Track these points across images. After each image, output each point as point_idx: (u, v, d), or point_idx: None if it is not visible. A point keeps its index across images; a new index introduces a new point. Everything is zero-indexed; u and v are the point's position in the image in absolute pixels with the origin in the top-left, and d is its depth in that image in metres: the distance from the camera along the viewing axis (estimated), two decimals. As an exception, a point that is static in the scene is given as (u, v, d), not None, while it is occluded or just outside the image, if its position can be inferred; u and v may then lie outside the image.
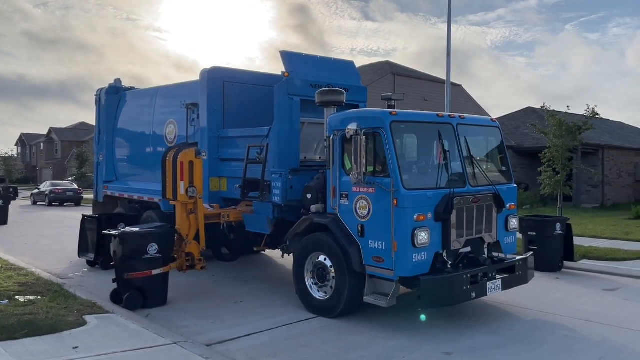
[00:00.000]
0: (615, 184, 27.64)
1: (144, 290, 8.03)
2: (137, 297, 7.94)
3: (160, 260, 8.12)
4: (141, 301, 7.97)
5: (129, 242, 7.98)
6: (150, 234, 8.16)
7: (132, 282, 7.96)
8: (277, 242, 9.03)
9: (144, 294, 8.02)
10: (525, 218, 11.06)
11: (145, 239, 8.04)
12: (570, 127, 16.10)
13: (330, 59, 10.10)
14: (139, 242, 8.00)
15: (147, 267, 7.98)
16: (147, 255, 7.99)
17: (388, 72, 35.97)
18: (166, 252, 8.28)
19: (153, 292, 8.13)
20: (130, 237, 8.01)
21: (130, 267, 7.95)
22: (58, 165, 68.11)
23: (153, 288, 8.11)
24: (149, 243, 8.01)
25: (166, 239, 8.35)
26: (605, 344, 6.60)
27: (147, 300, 8.02)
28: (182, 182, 8.67)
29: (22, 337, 6.09)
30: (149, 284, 8.06)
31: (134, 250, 7.96)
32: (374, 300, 7.01)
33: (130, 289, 7.94)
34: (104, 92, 13.36)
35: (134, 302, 7.88)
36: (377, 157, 7.11)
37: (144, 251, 7.96)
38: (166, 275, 8.32)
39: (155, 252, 8.05)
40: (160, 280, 8.20)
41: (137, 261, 7.96)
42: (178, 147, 9.01)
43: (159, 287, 8.21)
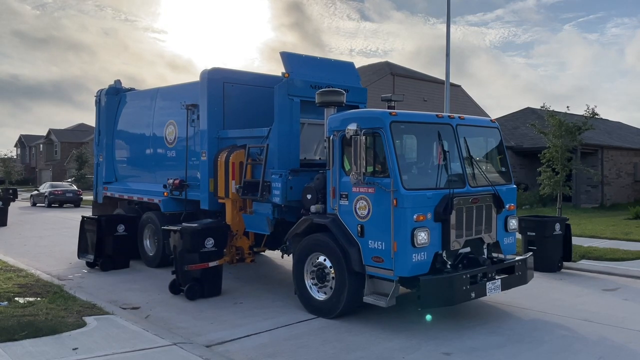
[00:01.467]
0: (614, 184, 27.66)
1: (201, 281, 8.59)
2: (196, 288, 8.54)
3: (215, 253, 8.67)
4: (200, 291, 8.57)
5: (189, 236, 8.49)
6: (208, 229, 8.68)
7: (190, 274, 8.54)
8: (277, 242, 9.05)
9: (201, 285, 8.58)
10: (524, 218, 11.07)
11: (203, 233, 8.57)
12: (570, 127, 16.12)
13: (330, 60, 10.11)
14: (198, 237, 8.52)
15: (205, 260, 8.53)
16: (205, 249, 8.55)
17: (387, 73, 35.99)
18: (221, 245, 8.83)
19: (209, 282, 8.70)
20: (190, 232, 8.51)
21: (189, 260, 8.50)
22: (57, 166, 68.09)
23: (209, 278, 8.68)
24: (207, 237, 8.58)
25: (221, 233, 8.90)
26: (604, 344, 6.60)
27: (204, 290, 8.61)
28: (233, 181, 9.23)
29: (22, 338, 6.09)
30: (206, 275, 8.63)
31: (193, 244, 8.47)
32: (374, 300, 7.01)
33: (189, 280, 8.53)
34: (103, 93, 13.37)
35: (194, 292, 8.52)
36: (377, 157, 7.11)
37: (202, 245, 8.52)
38: (221, 267, 8.88)
39: (212, 246, 8.61)
40: (216, 272, 8.76)
41: (196, 254, 8.50)
42: (229, 149, 9.47)
43: (214, 278, 8.79)
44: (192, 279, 8.57)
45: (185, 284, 8.55)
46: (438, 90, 34.19)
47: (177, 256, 8.64)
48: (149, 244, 11.58)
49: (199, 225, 8.69)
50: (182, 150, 10.73)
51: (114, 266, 11.00)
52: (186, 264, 8.50)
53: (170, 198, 10.96)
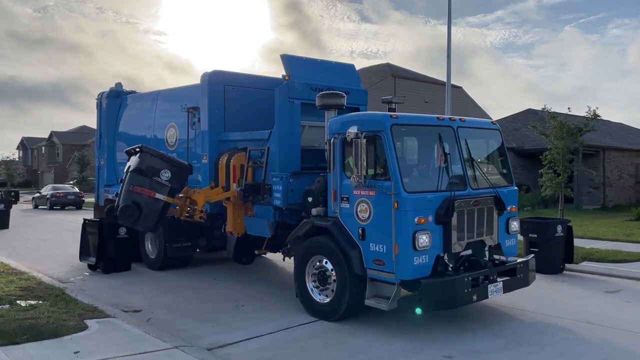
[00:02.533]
0: (616, 185, 27.62)
1: (141, 208, 8.21)
2: (133, 211, 8.18)
3: (167, 189, 8.33)
4: (136, 216, 8.17)
5: (148, 158, 8.20)
6: (169, 161, 8.37)
7: (133, 197, 8.19)
8: (278, 245, 9.04)
9: (140, 212, 8.21)
10: (526, 220, 11.05)
11: (162, 161, 8.26)
12: (571, 128, 16.10)
13: (331, 62, 10.12)
14: (156, 162, 8.22)
15: (154, 189, 8.22)
16: (158, 179, 8.23)
17: (388, 75, 36.04)
18: (176, 185, 8.48)
19: (148, 214, 8.28)
20: (150, 154, 8.22)
21: (139, 182, 8.20)
22: (59, 168, 68.18)
23: (150, 210, 8.29)
24: (164, 168, 8.26)
25: (180, 173, 8.53)
26: (606, 347, 6.59)
27: (138, 220, 8.26)
28: (235, 183, 9.13)
29: (24, 341, 6.09)
30: (148, 205, 8.26)
31: (148, 168, 8.15)
32: (375, 303, 7.00)
33: (130, 203, 8.19)
34: (105, 96, 13.39)
35: (129, 215, 8.15)
36: (378, 160, 7.11)
37: (157, 173, 8.21)
38: (166, 207, 8.48)
39: (166, 180, 8.28)
40: (158, 208, 8.34)
41: (147, 179, 8.20)
42: (230, 152, 9.39)
43: (155, 213, 8.36)
44: (134, 203, 8.25)
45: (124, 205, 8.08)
46: (439, 91, 34.21)
47: (128, 176, 8.22)
48: (150, 247, 11.58)
49: (161, 152, 8.30)
50: (183, 152, 10.73)
51: (116, 269, 11.01)
52: (134, 184, 8.08)
53: (171, 201, 10.95)
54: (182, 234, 10.99)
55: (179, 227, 10.86)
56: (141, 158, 8.16)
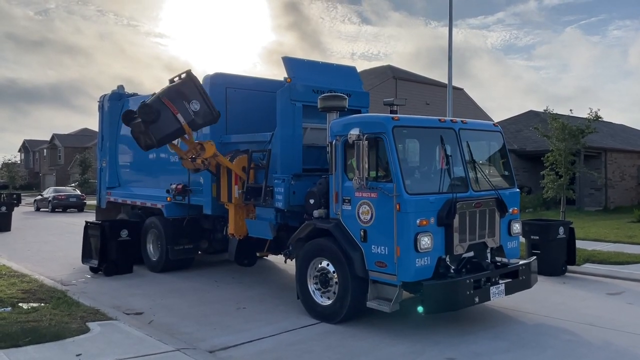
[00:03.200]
0: (618, 186, 27.58)
1: (159, 118, 8.32)
2: (151, 113, 8.27)
3: (190, 118, 8.47)
4: (152, 118, 8.25)
5: (189, 84, 8.51)
6: (205, 98, 8.63)
7: (159, 105, 8.34)
8: (280, 247, 9.04)
9: (157, 120, 8.32)
10: (528, 222, 11.04)
11: (199, 94, 8.57)
12: (573, 130, 16.10)
13: (332, 65, 10.12)
14: (193, 91, 8.54)
15: (179, 109, 8.42)
16: (187, 105, 8.47)
17: (390, 77, 36.05)
18: (198, 120, 8.61)
19: (161, 127, 8.38)
20: (193, 82, 8.55)
21: (170, 97, 8.43)
22: (61, 171, 68.29)
23: (164, 125, 8.37)
24: (196, 100, 8.53)
25: (207, 114, 8.68)
26: (609, 349, 6.58)
27: (151, 124, 8.33)
28: (236, 186, 9.14)
29: (26, 344, 6.10)
30: (167, 119, 8.36)
31: (185, 90, 8.48)
32: (377, 305, 7.00)
33: (154, 107, 8.33)
34: (106, 98, 13.41)
35: (148, 113, 8.22)
36: (380, 162, 7.11)
37: (189, 100, 8.48)
38: (178, 132, 8.58)
39: (193, 111, 8.49)
40: (172, 128, 8.44)
41: (179, 99, 8.42)
42: (232, 154, 9.38)
43: (166, 130, 8.43)
44: None
45: None
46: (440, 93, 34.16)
47: (164, 89, 8.57)
48: (152, 249, 11.59)
49: (202, 87, 8.63)
50: (185, 155, 10.74)
51: (118, 271, 11.01)
52: (166, 97, 8.39)
53: (173, 203, 10.97)
54: (183, 236, 11.00)
55: (180, 229, 10.89)
56: (184, 81, 8.40)
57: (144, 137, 8.48)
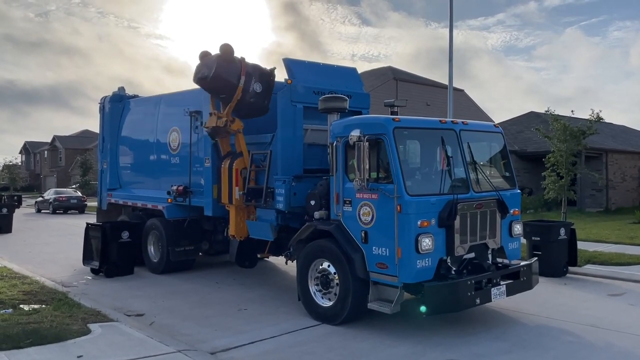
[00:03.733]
0: (619, 187, 27.54)
1: (229, 67, 8.94)
2: (230, 57, 9.02)
3: (247, 91, 9.04)
4: (225, 62, 8.90)
5: (266, 74, 9.25)
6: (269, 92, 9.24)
7: (235, 63, 9.01)
8: (281, 248, 9.04)
9: (226, 68, 8.93)
10: (529, 223, 11.04)
11: (268, 89, 9.26)
12: (574, 131, 16.10)
13: (333, 66, 10.12)
14: (266, 85, 9.23)
15: (246, 77, 9.05)
16: (252, 82, 9.07)
17: (390, 78, 36.04)
18: (263, 95, 9.21)
19: (226, 72, 8.92)
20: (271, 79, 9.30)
21: (249, 67, 9.14)
22: (62, 173, 68.32)
23: (229, 73, 8.91)
24: (260, 83, 9.12)
25: (258, 100, 9.24)
26: (611, 350, 6.56)
27: (219, 60, 8.93)
28: (237, 187, 9.15)
29: (27, 346, 6.09)
30: (232, 72, 8.95)
31: (256, 71, 9.19)
32: (378, 306, 6.99)
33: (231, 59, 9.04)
34: (107, 100, 13.42)
35: (227, 57, 8.93)
36: (380, 163, 7.11)
37: (256, 80, 9.12)
38: (232, 90, 8.97)
39: (253, 89, 9.04)
40: (230, 79, 8.94)
41: (249, 74, 9.06)
42: (232, 156, 9.39)
43: (227, 75, 8.94)
44: None
45: None
46: (441, 94, 34.15)
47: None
48: (153, 251, 11.59)
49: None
50: (186, 156, 10.76)
51: (119, 273, 11.01)
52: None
53: (174, 204, 10.98)
54: (184, 237, 11.00)
55: (181, 230, 10.89)
56: (267, 71, 8.97)
57: (204, 71, 8.93)
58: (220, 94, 9.18)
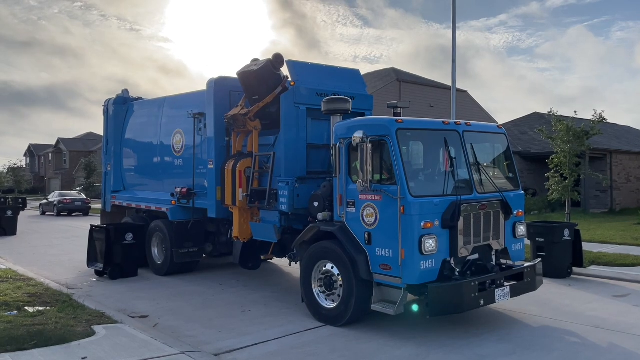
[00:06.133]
0: (623, 188, 27.46)
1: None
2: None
3: None
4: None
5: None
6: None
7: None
8: (284, 250, 9.05)
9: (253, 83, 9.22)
10: (533, 224, 11.01)
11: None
12: (578, 132, 16.06)
13: (336, 68, 10.13)
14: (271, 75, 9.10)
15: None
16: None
17: (393, 79, 35.99)
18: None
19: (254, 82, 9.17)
20: None
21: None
22: (66, 175, 68.51)
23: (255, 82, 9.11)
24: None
25: None
26: (615, 351, 6.55)
27: None
28: (240, 189, 9.17)
29: (31, 347, 6.12)
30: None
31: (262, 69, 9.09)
32: (382, 308, 6.99)
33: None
34: (111, 102, 13.48)
35: None
36: (384, 164, 7.12)
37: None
38: (252, 77, 9.11)
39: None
40: (254, 79, 9.13)
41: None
42: (235, 157, 9.40)
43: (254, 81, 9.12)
44: None
45: None
46: (444, 95, 34.11)
47: None
48: (157, 252, 11.62)
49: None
50: (190, 158, 10.78)
51: (123, 275, 11.04)
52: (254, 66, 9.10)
53: (178, 206, 11.01)
54: (188, 239, 11.02)
55: (185, 232, 10.91)
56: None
57: (252, 66, 9.12)
58: (254, 94, 9.18)
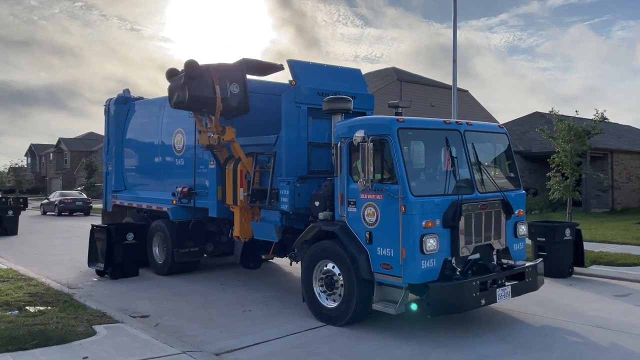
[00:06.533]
0: (624, 188, 27.44)
1: (200, 80, 8.76)
2: (196, 72, 8.73)
3: (225, 97, 8.89)
4: (195, 75, 8.68)
5: (238, 72, 9.03)
6: (244, 91, 9.07)
7: (204, 72, 8.78)
8: (285, 249, 9.05)
9: (197, 81, 8.78)
10: (534, 224, 11.00)
11: (242, 83, 9.08)
12: (579, 131, 16.03)
13: (337, 67, 10.12)
14: (239, 77, 9.06)
15: (220, 84, 8.86)
16: (228, 85, 8.92)
17: (394, 79, 35.98)
18: (233, 102, 9.01)
19: (199, 88, 8.79)
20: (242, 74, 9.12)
21: (219, 72, 8.85)
22: (67, 175, 68.52)
23: (202, 91, 8.80)
24: (237, 83, 8.99)
25: (240, 102, 9.07)
26: (616, 351, 6.54)
27: (191, 81, 8.74)
28: (241, 189, 9.16)
29: (32, 347, 6.12)
30: (205, 85, 8.80)
31: (230, 74, 8.96)
32: (383, 307, 6.99)
33: (199, 71, 8.77)
34: (112, 102, 13.48)
35: (192, 76, 8.67)
36: (385, 164, 7.11)
37: (231, 81, 8.97)
38: (212, 102, 8.86)
39: (231, 92, 8.91)
40: (208, 96, 8.82)
41: (223, 78, 8.86)
42: (237, 157, 9.37)
43: (203, 95, 8.80)
44: None
45: None
46: (445, 95, 34.08)
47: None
48: (158, 252, 11.62)
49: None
50: (191, 158, 10.77)
51: (124, 274, 11.04)
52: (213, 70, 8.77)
53: (178, 206, 11.01)
54: (189, 239, 11.02)
55: (186, 232, 10.91)
56: (235, 65, 8.84)
57: (178, 93, 8.78)
58: (201, 110, 9.22)
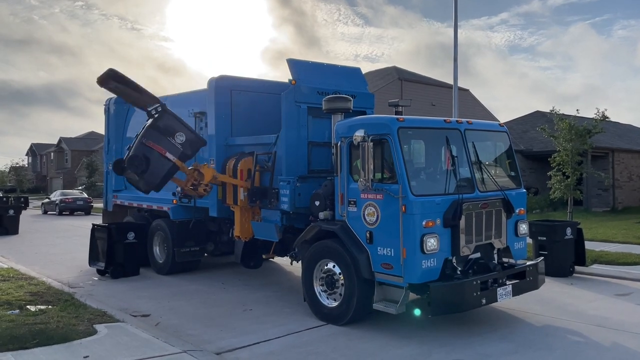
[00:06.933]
0: (626, 187, 27.41)
1: (149, 163, 8.21)
2: (141, 163, 8.16)
3: (179, 152, 8.34)
4: (143, 168, 8.18)
5: (167, 118, 8.32)
6: (186, 126, 8.52)
7: (145, 150, 8.22)
8: (286, 249, 9.04)
9: (148, 167, 8.22)
10: (535, 223, 11.00)
11: (180, 125, 8.39)
12: (580, 130, 16.02)
13: (337, 66, 10.12)
14: (174, 124, 8.35)
15: (166, 148, 8.27)
16: (173, 140, 8.28)
17: (395, 78, 35.98)
18: (188, 152, 8.49)
19: (155, 171, 8.31)
20: (170, 115, 8.35)
21: (153, 138, 8.24)
22: (68, 174, 68.57)
23: (157, 167, 8.30)
24: (180, 132, 8.36)
25: (194, 142, 8.57)
26: (617, 350, 6.53)
27: (144, 174, 8.28)
28: (242, 188, 9.14)
29: (33, 346, 6.13)
30: (158, 162, 8.28)
31: (165, 126, 8.28)
32: (384, 307, 6.99)
33: (140, 155, 8.19)
34: (113, 101, 13.46)
35: (137, 165, 8.16)
36: (385, 163, 7.10)
37: (172, 134, 8.30)
38: (173, 169, 8.49)
39: (180, 143, 8.31)
40: (166, 168, 8.36)
41: (162, 137, 8.27)
42: (237, 156, 9.36)
43: (161, 172, 8.36)
44: (144, 156, 8.26)
45: (135, 158, 8.20)
46: (446, 94, 34.09)
47: (143, 131, 8.40)
48: (158, 251, 11.62)
49: (180, 118, 8.51)
50: (191, 157, 10.76)
51: (125, 274, 11.05)
52: (148, 139, 8.26)
53: (179, 205, 10.99)
54: (190, 238, 11.03)
55: (187, 231, 10.91)
56: (160, 116, 8.23)
57: (142, 184, 8.49)
58: (171, 177, 8.80)
